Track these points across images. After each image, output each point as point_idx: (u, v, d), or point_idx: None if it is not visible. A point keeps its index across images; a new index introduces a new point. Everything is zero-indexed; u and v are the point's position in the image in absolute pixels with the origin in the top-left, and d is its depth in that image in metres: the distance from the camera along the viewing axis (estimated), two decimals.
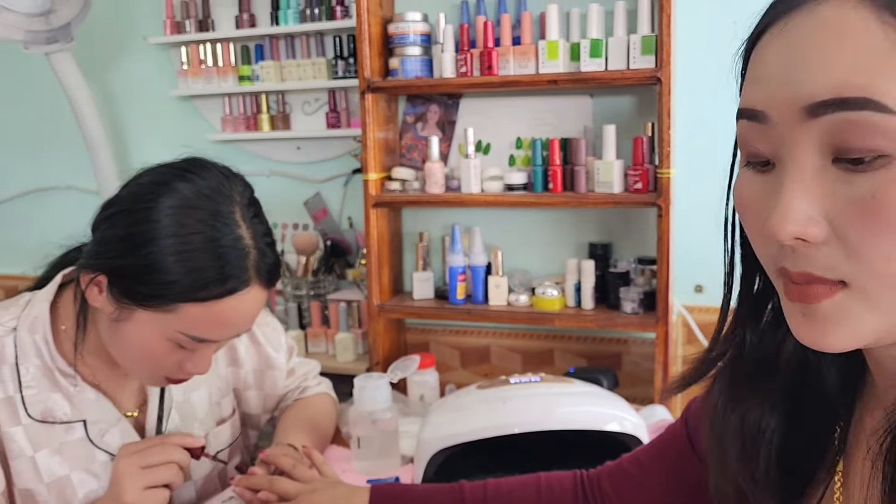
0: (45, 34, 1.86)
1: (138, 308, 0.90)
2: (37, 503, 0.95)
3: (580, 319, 1.53)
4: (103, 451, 0.99)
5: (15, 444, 0.94)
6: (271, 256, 0.95)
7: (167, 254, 0.87)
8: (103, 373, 1.01)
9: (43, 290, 1.01)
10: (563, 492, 0.92)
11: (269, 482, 1.00)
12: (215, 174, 0.93)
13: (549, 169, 1.54)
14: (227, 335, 0.96)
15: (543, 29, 1.53)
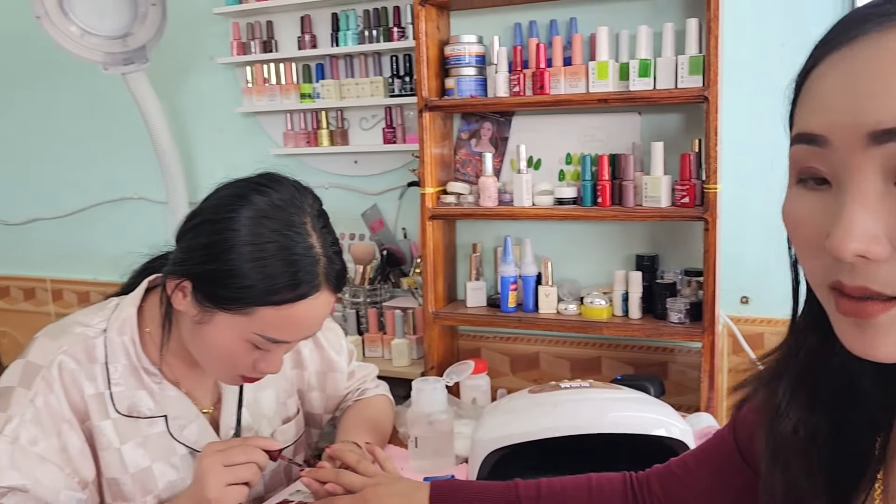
0: (122, 56, 1.99)
1: (219, 311, 0.96)
2: (122, 492, 1.02)
3: (627, 328, 1.58)
4: (182, 444, 1.06)
5: (104, 437, 1.01)
6: (339, 264, 1.01)
7: (245, 261, 0.93)
8: (183, 372, 1.08)
9: (130, 294, 1.08)
10: (613, 491, 0.94)
11: (335, 475, 1.04)
12: (288, 187, 1.00)
13: (598, 184, 1.60)
14: (298, 337, 1.02)
15: (594, 50, 1.59)
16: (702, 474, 0.86)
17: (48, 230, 2.56)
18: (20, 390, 0.96)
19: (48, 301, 2.58)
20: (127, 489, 1.02)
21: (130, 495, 1.03)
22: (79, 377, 1.00)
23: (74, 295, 2.53)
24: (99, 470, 1.02)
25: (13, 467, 0.92)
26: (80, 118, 2.43)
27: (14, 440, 0.93)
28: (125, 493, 1.03)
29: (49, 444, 0.95)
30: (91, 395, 1.00)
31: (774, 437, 0.63)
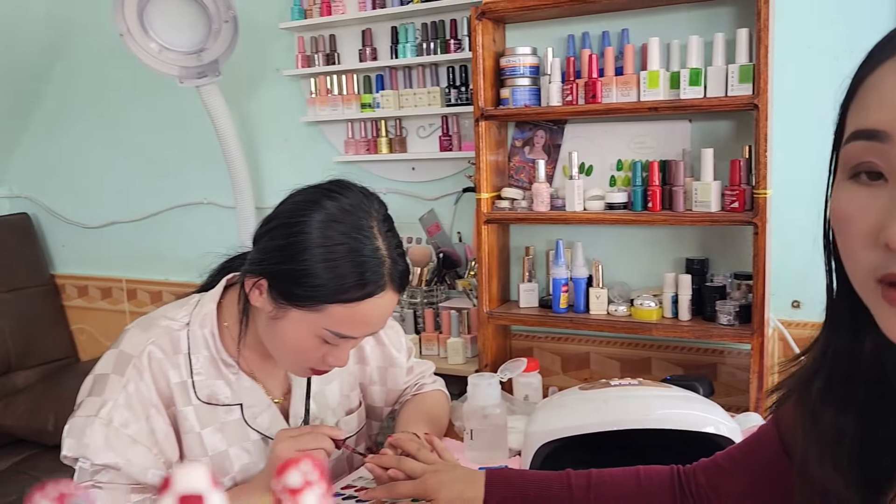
0: (196, 69, 2.12)
1: (292, 308, 1.04)
2: None
3: (677, 330, 1.63)
4: (256, 431, 1.14)
5: (187, 422, 1.10)
6: (402, 265, 1.08)
7: (317, 262, 1.01)
8: (257, 364, 1.17)
9: (211, 291, 1.16)
10: (661, 482, 0.98)
11: (397, 461, 1.11)
12: (356, 193, 1.07)
13: (648, 189, 1.65)
14: (365, 333, 1.09)
15: (645, 60, 1.65)
16: (746, 466, 0.88)
17: (124, 233, 2.72)
18: (114, 377, 1.05)
19: (123, 300, 2.73)
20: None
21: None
22: (165, 366, 1.08)
23: (147, 294, 2.68)
24: (182, 452, 1.10)
25: (108, 447, 1.01)
26: (155, 128, 2.58)
27: (108, 422, 1.02)
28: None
29: (139, 426, 1.04)
30: (176, 382, 1.09)
31: (810, 435, 0.65)
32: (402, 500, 1.10)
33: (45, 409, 2.37)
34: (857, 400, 0.62)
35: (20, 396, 2.48)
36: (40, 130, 2.82)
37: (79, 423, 1.03)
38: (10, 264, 2.66)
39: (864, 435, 0.62)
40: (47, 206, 2.84)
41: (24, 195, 2.89)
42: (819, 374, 0.64)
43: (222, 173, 2.31)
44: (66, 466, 2.36)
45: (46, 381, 2.57)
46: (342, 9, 2.11)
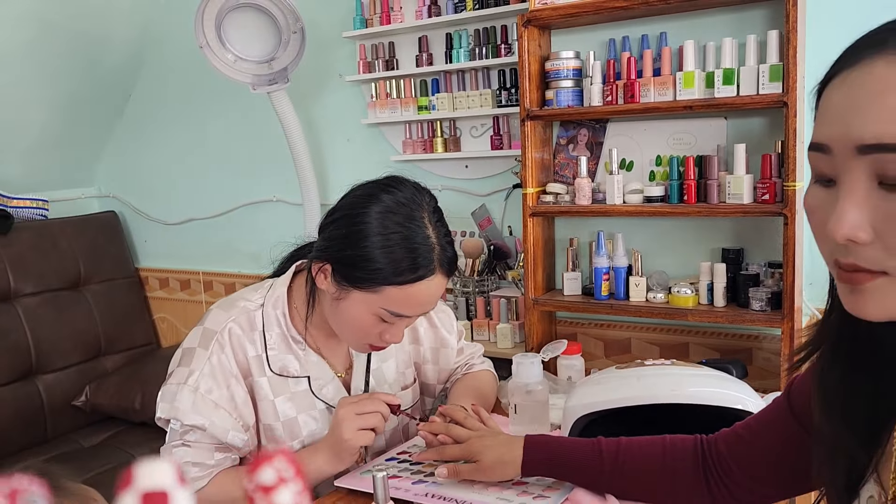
0: (267, 77, 2.33)
1: (354, 290, 1.19)
2: (274, 436, 1.28)
3: (711, 315, 1.73)
4: (321, 400, 1.31)
5: (262, 390, 1.27)
6: (451, 252, 1.22)
7: (375, 248, 1.16)
8: (322, 342, 1.33)
9: (282, 276, 1.33)
10: (685, 450, 1.07)
11: (446, 428, 1.24)
12: (409, 187, 1.22)
13: (684, 183, 1.76)
14: (418, 312, 1.23)
15: (681, 61, 1.76)
16: (761, 435, 0.97)
17: (200, 229, 2.95)
18: (200, 350, 1.23)
19: (200, 291, 2.97)
20: (278, 433, 1.28)
21: (281, 439, 1.28)
22: (243, 341, 1.26)
23: (222, 286, 2.90)
24: (257, 417, 1.27)
25: (195, 411, 1.18)
26: (229, 132, 2.80)
27: (195, 389, 1.20)
28: (277, 437, 1.28)
29: (221, 393, 1.21)
30: (252, 356, 1.26)
31: (822, 389, 0.74)
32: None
33: (132, 390, 2.63)
34: (862, 359, 0.70)
35: (110, 378, 2.73)
36: (125, 135, 3.08)
37: (170, 389, 1.21)
38: (100, 258, 2.93)
39: (861, 391, 0.70)
40: (132, 204, 3.11)
41: (111, 195, 3.17)
42: (829, 338, 0.73)
43: (290, 173, 2.50)
44: (151, 439, 2.61)
45: (132, 364, 2.82)
46: (400, 17, 2.28)
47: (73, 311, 2.78)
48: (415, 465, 1.31)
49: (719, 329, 1.87)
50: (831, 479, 0.75)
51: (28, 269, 2.69)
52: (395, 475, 1.27)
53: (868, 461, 0.71)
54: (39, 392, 2.63)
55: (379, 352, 1.35)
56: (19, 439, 2.53)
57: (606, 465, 1.08)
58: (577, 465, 1.10)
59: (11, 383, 2.56)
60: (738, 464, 0.99)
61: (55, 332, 2.70)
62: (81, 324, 2.79)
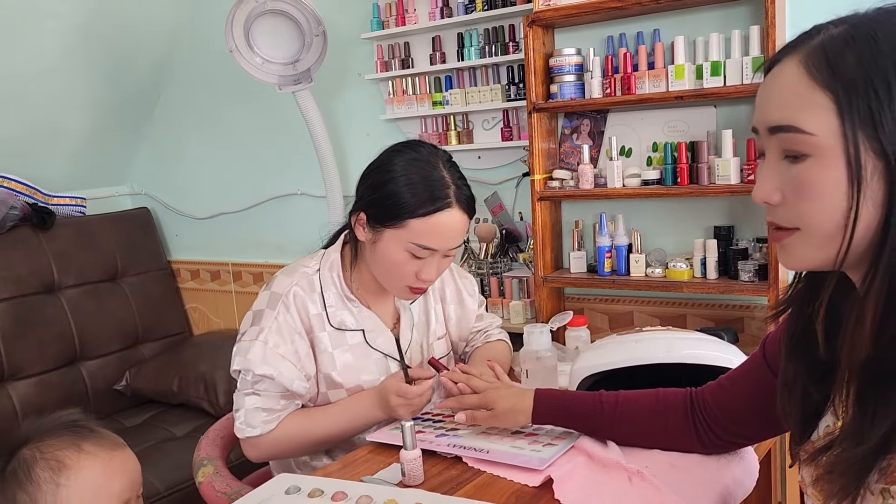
0: (292, 77, 2.53)
1: (384, 229, 1.38)
2: (334, 382, 1.48)
3: (704, 287, 1.93)
4: (376, 350, 1.51)
5: (322, 344, 1.47)
6: (467, 191, 1.42)
7: (398, 187, 1.36)
8: (371, 299, 1.53)
9: (334, 245, 1.54)
10: (676, 400, 1.19)
11: (465, 378, 1.39)
12: (426, 144, 1.46)
13: (677, 166, 1.95)
14: (442, 245, 1.38)
15: (673, 55, 1.95)
16: (741, 384, 1.10)
17: (229, 223, 3.16)
18: (268, 311, 1.44)
19: (230, 281, 3.19)
20: (337, 380, 1.48)
21: (339, 384, 1.49)
22: (306, 301, 1.46)
23: (251, 276, 3.11)
24: (318, 367, 1.47)
25: (264, 362, 1.40)
26: (255, 130, 3.00)
27: (265, 343, 1.41)
28: (336, 383, 1.48)
29: (287, 348, 1.42)
30: (314, 314, 1.47)
31: (787, 337, 0.86)
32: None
33: (169, 375, 2.85)
34: (810, 330, 0.80)
35: (148, 364, 2.96)
36: (157, 135, 3.30)
37: (244, 345, 1.42)
38: (135, 252, 3.16)
39: (813, 339, 0.79)
40: (163, 201, 3.33)
41: (143, 192, 3.39)
42: (796, 297, 0.84)
43: (313, 167, 2.69)
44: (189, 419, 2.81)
45: (167, 352, 3.05)
46: (415, 19, 2.47)
47: (111, 301, 3.01)
48: (438, 422, 1.47)
49: (712, 300, 2.06)
50: (792, 413, 0.86)
51: (70, 263, 2.92)
52: (421, 430, 1.42)
53: (824, 397, 0.82)
54: (83, 377, 2.87)
55: (419, 297, 1.53)
56: None
57: (607, 414, 1.22)
58: (581, 414, 1.24)
59: (58, 369, 2.80)
60: (721, 410, 1.12)
61: (96, 321, 2.93)
62: (120, 314, 3.02)
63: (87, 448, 1.03)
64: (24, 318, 2.73)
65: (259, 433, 1.41)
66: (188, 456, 1.60)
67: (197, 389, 2.76)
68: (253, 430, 1.41)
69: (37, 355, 2.74)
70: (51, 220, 2.89)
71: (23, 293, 2.76)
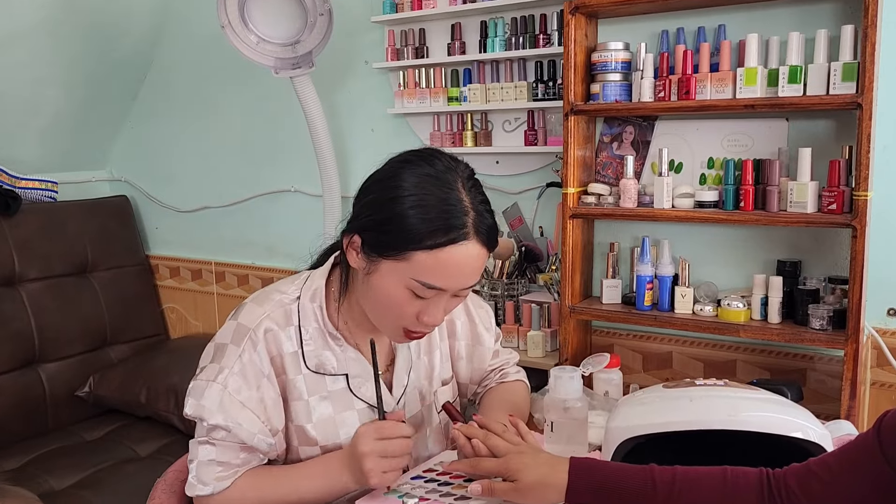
0: (291, 61, 2.20)
1: (382, 259, 1.08)
2: (307, 438, 1.18)
3: (766, 332, 1.59)
4: (360, 399, 1.20)
5: (296, 389, 1.16)
6: (488, 219, 1.10)
7: (404, 208, 1.05)
8: (361, 336, 1.22)
9: (321, 269, 1.23)
10: (749, 484, 0.97)
11: (484, 435, 1.13)
12: (444, 157, 1.12)
13: (741, 188, 1.62)
14: (452, 285, 1.09)
15: (742, 56, 1.62)
16: (842, 474, 0.89)
17: (214, 218, 2.83)
18: (231, 346, 1.12)
19: (212, 282, 2.85)
20: (311, 435, 1.17)
21: (314, 440, 1.18)
22: (279, 337, 1.15)
23: (235, 277, 2.78)
24: (289, 417, 1.17)
25: (220, 410, 1.09)
26: (247, 118, 2.67)
27: (224, 388, 1.10)
28: (309, 439, 1.17)
29: (250, 394, 1.11)
30: (289, 352, 1.16)
31: None
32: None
33: (137, 383, 2.50)
34: None
35: (115, 369, 2.61)
36: (140, 117, 2.96)
37: (200, 385, 1.11)
38: (109, 244, 2.80)
39: None
40: (144, 189, 2.99)
41: (123, 178, 3.04)
42: None
43: (310, 162, 2.39)
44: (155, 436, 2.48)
45: (138, 356, 2.70)
46: (433, 3, 2.15)
47: (78, 298, 2.66)
48: (443, 485, 1.20)
49: (772, 347, 1.73)
50: None
51: (34, 253, 2.57)
52: (423, 497, 1.16)
53: None
54: (42, 381, 2.52)
55: (419, 340, 1.24)
56: (20, 430, 2.42)
57: (660, 496, 0.99)
58: (627, 494, 1.01)
59: (12, 371, 2.45)
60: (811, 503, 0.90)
61: (59, 319, 2.58)
62: (87, 311, 2.67)
63: None
64: None
65: (210, 491, 1.11)
66: (150, 481, 1.31)
67: (167, 403, 2.43)
68: (204, 487, 1.11)
69: None
70: (15, 206, 2.55)
71: None
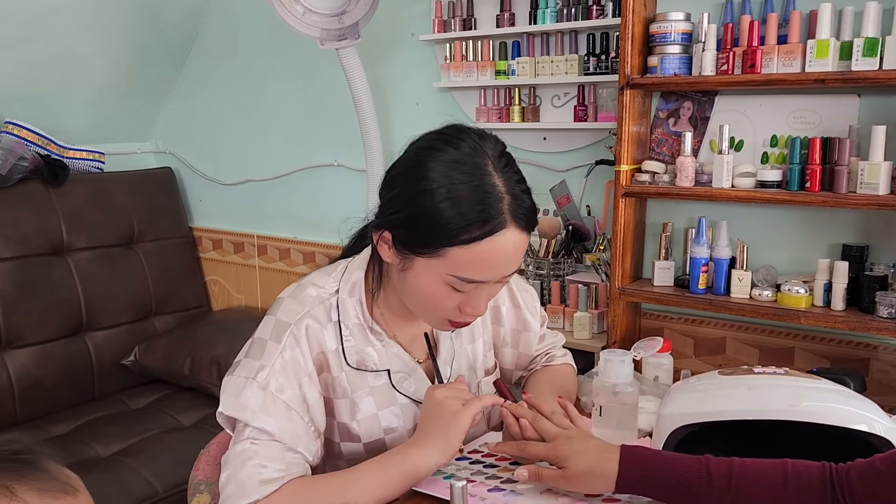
0: (337, 32, 2.14)
1: (416, 256, 1.01)
2: (350, 434, 1.13)
3: (829, 320, 1.51)
4: (403, 394, 1.15)
5: (339, 387, 1.11)
6: (527, 201, 1.01)
7: (434, 203, 0.97)
8: (399, 328, 1.16)
9: (358, 259, 1.15)
10: (811, 479, 0.93)
11: (532, 417, 1.08)
12: (470, 134, 1.03)
13: (806, 168, 1.52)
14: (492, 276, 1.03)
15: (812, 27, 1.52)
16: None
17: (257, 191, 2.79)
18: (271, 343, 1.07)
19: (254, 255, 2.83)
20: (355, 432, 1.13)
21: (357, 437, 1.13)
22: (320, 335, 1.10)
23: (277, 251, 2.76)
24: (333, 414, 1.12)
25: (265, 412, 1.02)
26: (291, 91, 2.61)
27: (265, 387, 1.03)
28: (353, 435, 1.13)
29: (293, 392, 1.05)
30: (331, 350, 1.10)
31: None
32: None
33: (181, 354, 2.50)
34: None
35: (159, 340, 2.62)
36: (185, 89, 2.92)
37: (237, 382, 1.05)
38: (154, 216, 2.79)
39: None
40: (188, 162, 2.96)
41: (168, 150, 3.02)
42: None
43: (353, 137, 2.32)
44: (198, 406, 2.48)
45: (182, 327, 2.70)
46: None
47: (125, 268, 2.66)
48: (489, 467, 1.17)
49: (833, 335, 1.64)
50: None
51: (81, 223, 2.57)
52: (469, 478, 1.12)
53: None
54: (89, 349, 2.53)
55: (461, 329, 1.19)
56: (67, 397, 2.44)
57: (716, 488, 0.94)
58: (680, 486, 0.97)
59: (61, 339, 2.46)
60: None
61: (106, 289, 2.59)
62: (133, 282, 2.67)
63: (20, 492, 0.73)
64: (28, 280, 2.39)
65: (256, 498, 0.99)
66: (193, 451, 1.31)
67: (209, 374, 2.42)
68: (248, 497, 0.99)
69: (38, 322, 2.40)
70: (63, 175, 2.55)
71: (27, 254, 2.42)
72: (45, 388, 2.40)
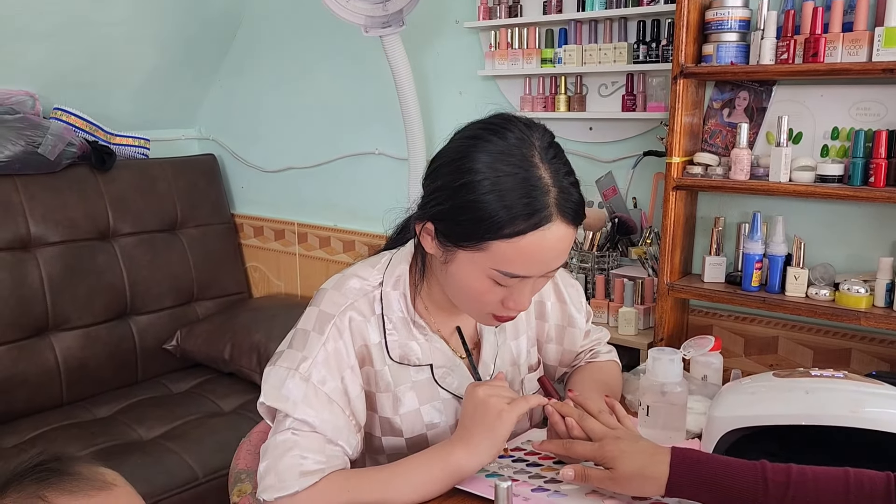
0: (381, 19, 2.11)
1: (458, 249, 0.99)
2: (392, 428, 1.10)
3: (890, 321, 1.43)
4: (445, 390, 1.12)
5: (382, 381, 1.08)
6: (574, 194, 0.98)
7: (481, 194, 0.94)
8: (442, 321, 1.13)
9: (402, 251, 1.13)
10: (874, 489, 0.88)
11: (579, 416, 1.05)
12: (517, 124, 0.99)
13: (870, 162, 1.45)
14: (536, 271, 0.99)
15: (881, 14, 1.43)
16: None
17: (298, 179, 2.77)
18: (314, 335, 1.05)
19: (294, 242, 2.82)
20: (397, 427, 1.10)
21: (399, 431, 1.11)
22: (364, 328, 1.07)
23: (317, 239, 2.74)
24: (375, 408, 1.10)
25: (306, 403, 1.00)
26: (334, 78, 2.59)
27: (307, 378, 1.01)
28: (395, 429, 1.11)
29: (335, 385, 1.03)
30: (375, 343, 1.08)
31: None
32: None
33: (221, 339, 2.51)
34: None
35: (200, 325, 2.63)
36: (228, 76, 2.92)
37: (279, 373, 1.03)
38: (197, 202, 2.80)
39: None
40: (231, 149, 2.96)
41: (211, 137, 3.02)
42: None
43: (395, 125, 2.29)
44: (239, 392, 2.50)
45: (223, 313, 2.70)
46: None
47: (168, 253, 2.67)
48: (532, 465, 1.13)
49: (892, 337, 1.57)
50: None
51: (127, 209, 2.59)
52: (514, 478, 1.09)
53: None
54: (132, 333, 2.56)
55: (505, 325, 1.15)
56: (111, 379, 2.47)
57: (772, 496, 0.90)
58: (734, 492, 0.92)
59: (106, 322, 2.49)
60: None
61: (150, 274, 2.60)
62: (176, 268, 2.68)
63: (52, 497, 0.73)
64: (75, 264, 2.41)
65: (296, 489, 0.98)
66: (233, 437, 1.35)
67: (249, 360, 2.43)
68: (288, 487, 0.98)
69: (85, 306, 2.42)
70: (110, 161, 2.57)
71: (74, 238, 2.44)
72: (91, 371, 2.43)
